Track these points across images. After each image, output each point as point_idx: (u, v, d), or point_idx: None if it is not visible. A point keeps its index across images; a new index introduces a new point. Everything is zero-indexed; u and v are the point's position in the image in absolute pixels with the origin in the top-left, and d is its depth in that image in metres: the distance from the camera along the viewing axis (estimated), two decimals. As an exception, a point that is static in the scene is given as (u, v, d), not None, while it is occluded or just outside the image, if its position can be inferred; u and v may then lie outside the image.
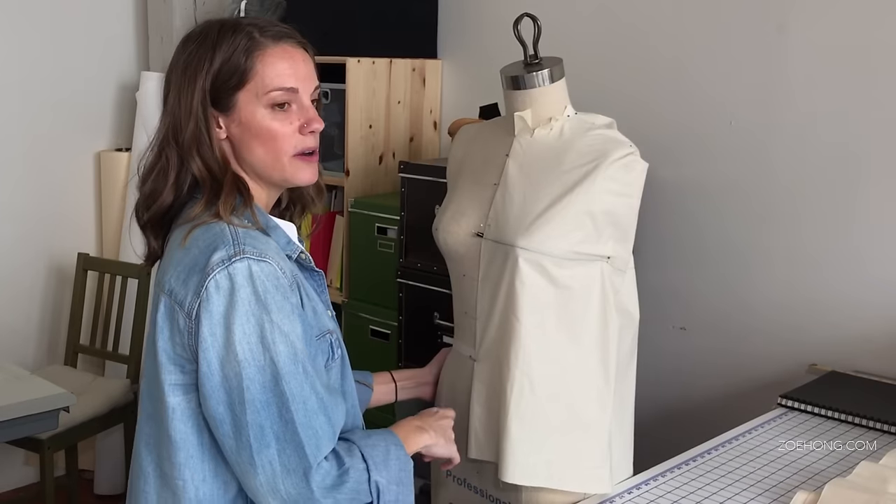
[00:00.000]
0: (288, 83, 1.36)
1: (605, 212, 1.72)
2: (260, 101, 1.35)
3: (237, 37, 1.35)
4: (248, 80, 1.35)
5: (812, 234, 2.43)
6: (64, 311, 3.62)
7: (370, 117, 3.12)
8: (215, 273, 1.27)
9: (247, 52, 1.35)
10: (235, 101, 1.36)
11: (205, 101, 1.35)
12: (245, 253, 1.27)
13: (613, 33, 2.78)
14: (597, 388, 1.78)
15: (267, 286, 1.27)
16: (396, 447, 1.40)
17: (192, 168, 1.35)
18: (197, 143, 1.35)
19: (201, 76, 1.35)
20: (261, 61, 1.35)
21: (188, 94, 1.35)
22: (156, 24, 3.57)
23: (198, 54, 1.36)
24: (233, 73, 1.35)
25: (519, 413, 1.75)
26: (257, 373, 1.25)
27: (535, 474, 1.76)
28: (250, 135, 1.36)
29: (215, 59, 1.35)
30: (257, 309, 1.26)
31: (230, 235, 1.30)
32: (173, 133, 1.36)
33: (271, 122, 1.36)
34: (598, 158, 1.73)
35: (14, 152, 3.45)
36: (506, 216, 1.76)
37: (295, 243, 1.40)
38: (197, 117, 1.35)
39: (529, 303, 1.73)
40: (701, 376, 2.66)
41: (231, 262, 1.27)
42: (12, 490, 3.57)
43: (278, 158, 1.37)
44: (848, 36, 2.34)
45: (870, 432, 2.04)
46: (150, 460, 1.36)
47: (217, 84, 1.35)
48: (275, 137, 1.36)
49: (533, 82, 1.80)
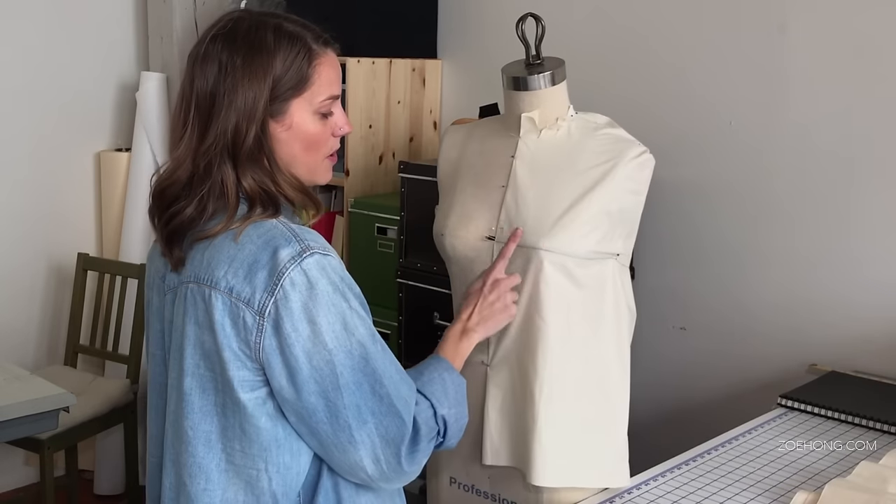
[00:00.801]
0: (336, 91, 1.40)
1: (619, 210, 1.75)
2: (312, 107, 1.37)
3: (296, 44, 1.36)
4: (306, 87, 1.36)
5: (811, 235, 2.43)
6: (64, 311, 3.62)
7: (370, 117, 3.12)
8: (289, 271, 1.28)
9: (307, 61, 1.36)
10: (288, 106, 1.36)
11: (266, 108, 1.34)
12: (312, 248, 1.30)
13: (613, 34, 2.78)
14: (614, 384, 1.81)
15: (338, 277, 1.31)
16: (449, 373, 1.46)
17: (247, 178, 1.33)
18: (260, 149, 1.34)
19: (263, 82, 1.33)
20: (317, 71, 1.37)
21: (248, 99, 1.32)
22: (156, 25, 3.57)
23: (255, 59, 1.33)
24: (295, 80, 1.35)
25: (549, 416, 1.76)
26: (346, 357, 1.29)
27: (565, 475, 1.78)
28: (296, 138, 1.37)
29: (276, 65, 1.34)
30: (336, 298, 1.29)
31: (289, 232, 1.31)
32: (233, 140, 1.33)
33: (318, 128, 1.38)
34: (615, 158, 1.75)
35: (14, 152, 3.45)
36: (522, 218, 1.76)
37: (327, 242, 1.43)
38: (259, 123, 1.33)
39: (554, 304, 1.74)
40: (701, 376, 2.66)
41: (302, 259, 1.29)
42: (12, 490, 3.57)
43: (316, 160, 1.40)
44: (847, 37, 2.34)
45: (870, 432, 2.04)
46: (213, 456, 1.34)
47: (276, 91, 1.34)
48: (318, 142, 1.39)
49: (540, 83, 1.80)
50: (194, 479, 1.34)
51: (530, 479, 1.78)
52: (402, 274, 2.75)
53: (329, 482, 1.37)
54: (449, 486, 1.97)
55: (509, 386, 1.82)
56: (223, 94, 1.33)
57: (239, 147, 1.33)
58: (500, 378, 1.83)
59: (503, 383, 1.83)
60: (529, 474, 1.78)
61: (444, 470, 1.98)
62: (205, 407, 1.34)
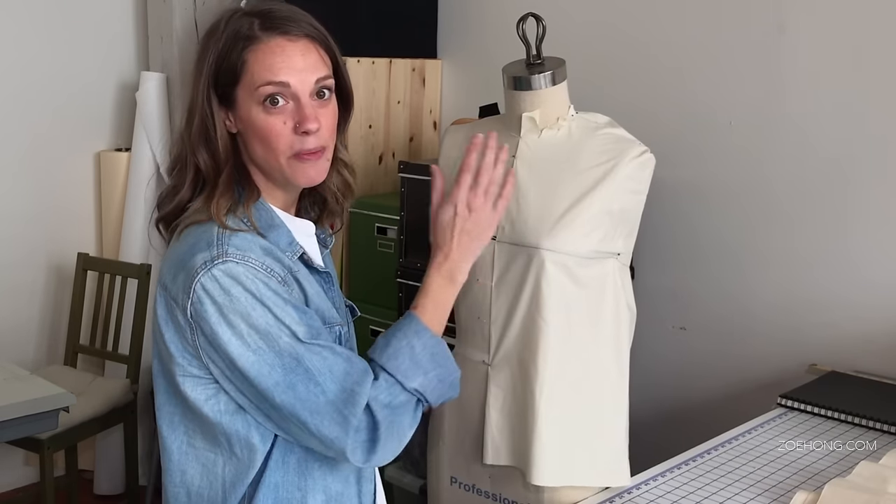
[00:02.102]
0: (277, 77, 1.31)
1: (620, 209, 1.75)
2: (252, 97, 1.32)
3: (238, 27, 1.33)
4: (241, 75, 1.32)
5: (811, 235, 2.43)
6: (64, 311, 3.62)
7: (370, 117, 3.12)
8: (200, 276, 1.27)
9: (241, 47, 1.32)
10: (235, 96, 1.34)
11: (209, 96, 1.33)
12: (228, 255, 1.27)
13: (613, 34, 2.78)
14: (612, 383, 1.82)
15: (258, 282, 1.27)
16: (419, 337, 1.34)
17: (198, 163, 1.34)
18: (202, 139, 1.34)
19: (206, 68, 1.33)
20: (252, 55, 1.31)
21: (195, 88, 1.34)
22: (156, 24, 3.57)
23: (205, 46, 1.35)
24: (230, 68, 1.32)
25: (549, 415, 1.76)
26: (275, 357, 1.27)
27: (565, 474, 1.79)
28: (249, 131, 1.34)
29: (218, 51, 1.33)
30: (251, 304, 1.26)
31: (216, 237, 1.30)
32: (186, 127, 1.36)
33: (265, 120, 1.32)
34: (616, 157, 1.75)
35: (14, 152, 3.45)
36: (523, 218, 1.77)
37: (297, 244, 1.38)
38: (203, 112, 1.34)
39: (555, 304, 1.75)
40: (701, 376, 2.66)
41: (213, 265, 1.27)
42: (12, 490, 3.57)
43: (276, 158, 1.33)
44: (847, 37, 2.34)
45: (870, 432, 2.04)
46: (175, 437, 1.37)
47: (218, 79, 1.34)
48: (269, 136, 1.32)
49: (540, 83, 1.80)
50: (164, 456, 1.39)
51: (530, 479, 1.78)
52: (402, 274, 2.75)
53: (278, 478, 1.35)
54: (450, 485, 1.97)
55: (510, 385, 1.82)
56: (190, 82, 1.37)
57: (190, 131, 1.34)
58: (500, 377, 1.83)
59: (504, 383, 1.83)
60: (530, 474, 1.78)
61: (445, 469, 1.98)
62: (168, 389, 1.36)
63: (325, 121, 1.36)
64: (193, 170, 1.35)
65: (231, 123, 1.36)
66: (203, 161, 1.34)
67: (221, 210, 1.32)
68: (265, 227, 1.35)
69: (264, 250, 1.31)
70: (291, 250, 1.37)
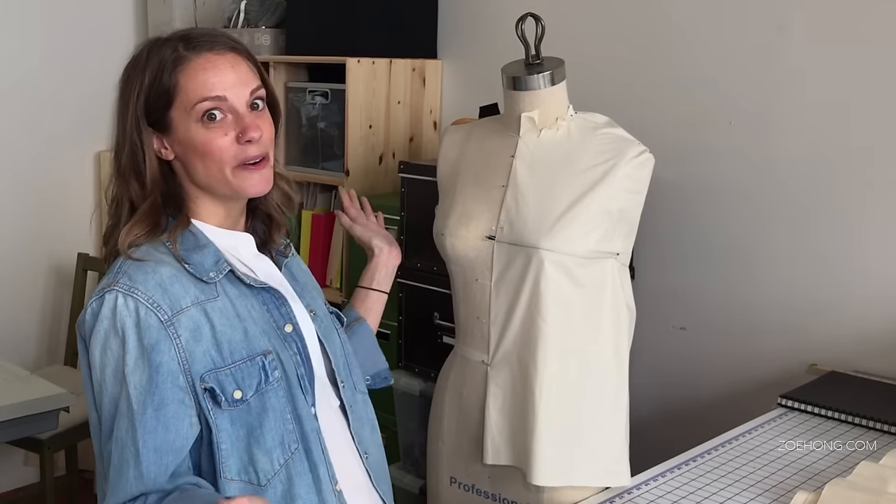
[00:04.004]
0: (213, 92, 1.32)
1: (620, 209, 1.75)
2: (190, 115, 1.33)
3: (162, 54, 1.34)
4: (174, 97, 1.33)
5: (812, 234, 2.43)
6: (64, 311, 3.62)
7: (370, 117, 3.11)
8: (92, 301, 1.31)
9: (170, 69, 1.33)
10: (170, 120, 1.34)
11: (138, 125, 1.34)
12: (117, 285, 1.29)
13: (612, 34, 2.78)
14: (613, 383, 1.82)
15: (126, 322, 1.27)
16: None
17: (131, 194, 1.36)
18: (132, 170, 1.35)
19: (133, 99, 1.35)
20: (183, 75, 1.32)
21: (122, 119, 1.36)
22: (156, 25, 3.57)
23: (131, 77, 1.37)
24: (160, 92, 1.33)
25: (548, 415, 1.77)
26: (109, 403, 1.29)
27: (564, 474, 1.79)
28: (190, 152, 1.34)
29: (144, 80, 1.34)
30: (114, 343, 1.28)
31: (117, 267, 1.32)
32: (115, 162, 1.38)
33: (206, 136, 1.33)
34: (614, 157, 1.75)
35: (14, 152, 3.45)
36: (522, 218, 1.77)
37: (223, 263, 1.36)
38: (132, 143, 1.35)
39: (554, 303, 1.75)
40: (701, 376, 2.66)
41: (101, 294, 1.30)
42: (12, 490, 3.57)
43: (220, 171, 1.34)
44: (847, 36, 2.34)
45: (870, 432, 2.04)
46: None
47: (150, 105, 1.34)
48: (211, 151, 1.33)
49: (539, 83, 1.80)
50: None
51: (530, 479, 1.78)
52: (402, 274, 2.75)
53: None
54: (449, 485, 1.97)
55: (510, 385, 1.82)
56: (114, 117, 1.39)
57: (119, 165, 1.36)
58: (500, 377, 1.83)
59: (503, 382, 1.83)
60: (529, 474, 1.78)
61: (445, 469, 1.98)
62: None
63: (266, 129, 1.37)
64: (128, 203, 1.36)
65: (168, 150, 1.36)
66: (135, 192, 1.35)
67: (128, 238, 1.33)
68: (189, 250, 1.34)
69: (159, 285, 1.30)
70: (217, 269, 1.35)
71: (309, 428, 1.37)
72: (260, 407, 1.32)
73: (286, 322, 1.40)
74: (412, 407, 2.67)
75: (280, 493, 1.33)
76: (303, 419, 1.37)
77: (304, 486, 1.35)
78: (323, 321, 1.49)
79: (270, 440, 1.32)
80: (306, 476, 1.35)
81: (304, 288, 1.51)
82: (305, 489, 1.35)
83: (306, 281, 1.54)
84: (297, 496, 1.34)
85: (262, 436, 1.32)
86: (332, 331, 1.51)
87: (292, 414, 1.35)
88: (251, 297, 1.38)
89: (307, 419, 1.37)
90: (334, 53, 3.00)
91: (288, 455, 1.34)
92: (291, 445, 1.35)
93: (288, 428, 1.34)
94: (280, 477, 1.33)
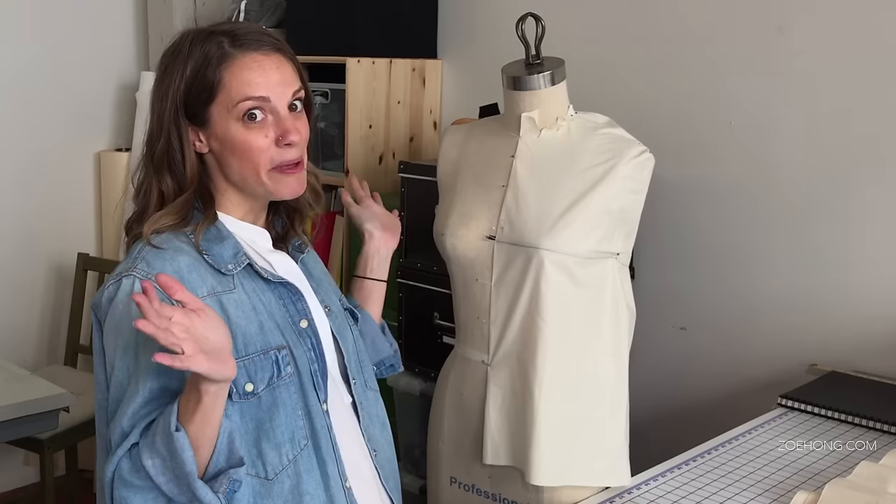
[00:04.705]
0: (256, 92, 1.32)
1: (620, 209, 1.75)
2: (231, 113, 1.32)
3: (207, 48, 1.33)
4: (217, 92, 1.33)
5: (812, 234, 2.43)
6: (64, 311, 3.62)
7: (370, 117, 3.11)
8: (108, 284, 1.32)
9: (214, 65, 1.32)
10: (209, 115, 1.34)
11: (177, 117, 1.33)
12: (134, 270, 1.30)
13: (612, 34, 2.78)
14: (612, 383, 1.82)
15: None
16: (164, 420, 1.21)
17: (162, 186, 1.35)
18: (167, 162, 1.35)
19: (172, 90, 1.33)
20: (228, 72, 1.32)
21: (160, 109, 1.34)
22: (156, 25, 3.57)
23: (171, 68, 1.35)
24: (203, 86, 1.33)
25: (548, 415, 1.77)
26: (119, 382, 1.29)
27: (564, 474, 1.79)
28: (227, 149, 1.34)
29: (186, 72, 1.33)
30: (127, 327, 1.28)
31: (137, 252, 1.33)
32: (148, 152, 1.37)
33: (245, 135, 1.33)
34: (615, 157, 1.75)
35: (14, 152, 3.45)
36: (522, 218, 1.77)
37: (242, 255, 1.36)
38: (169, 135, 1.34)
39: (554, 304, 1.75)
40: (701, 376, 2.66)
41: (119, 278, 1.31)
42: (12, 490, 3.57)
43: (256, 172, 1.34)
44: (847, 36, 2.34)
45: (870, 432, 2.04)
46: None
47: (190, 99, 1.34)
48: (249, 151, 1.33)
49: (539, 83, 1.80)
50: None
51: (530, 479, 1.78)
52: (402, 274, 2.75)
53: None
54: (449, 485, 1.97)
55: (509, 385, 1.82)
56: (151, 105, 1.37)
57: (152, 155, 1.35)
58: (500, 377, 1.83)
59: (503, 382, 1.83)
60: (529, 474, 1.78)
61: (445, 469, 1.98)
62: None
63: (304, 131, 1.38)
64: (157, 193, 1.36)
65: (202, 143, 1.36)
66: (167, 184, 1.35)
67: (154, 227, 1.33)
68: (209, 241, 1.35)
69: (176, 273, 1.30)
70: (236, 261, 1.35)
71: (319, 424, 1.37)
72: (271, 401, 1.33)
73: (302, 317, 1.40)
74: (412, 407, 2.67)
75: (288, 487, 1.33)
76: (313, 415, 1.37)
77: (313, 481, 1.35)
78: (337, 317, 1.50)
79: (280, 435, 1.33)
80: (315, 472, 1.36)
81: (319, 283, 1.51)
82: (314, 485, 1.35)
83: (321, 277, 1.54)
84: (306, 492, 1.34)
85: (271, 430, 1.32)
86: (346, 327, 1.51)
87: (303, 410, 1.36)
88: (268, 292, 1.38)
89: (317, 415, 1.37)
90: (334, 53, 3.00)
91: (297, 450, 1.34)
92: (301, 441, 1.35)
93: (298, 424, 1.35)
94: (288, 472, 1.33)
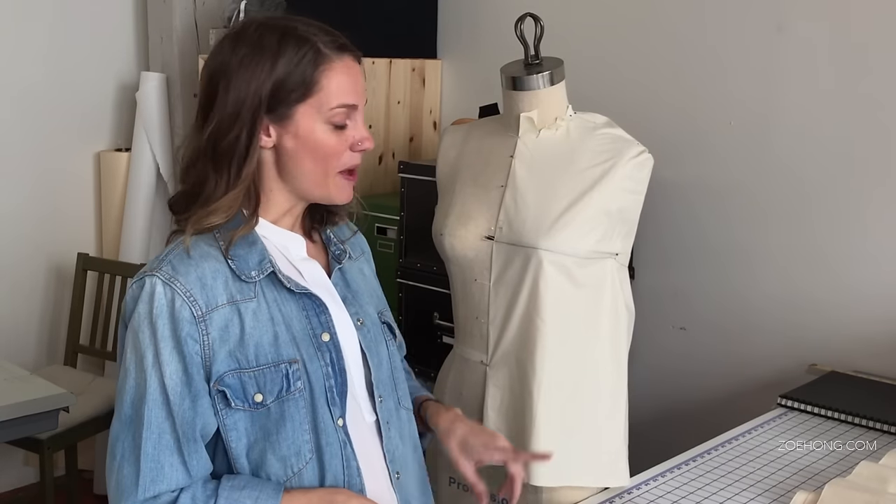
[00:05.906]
0: (350, 100, 1.32)
1: (619, 209, 1.75)
2: (321, 115, 1.30)
3: (303, 47, 1.30)
4: (312, 94, 1.30)
5: (812, 234, 2.43)
6: (64, 311, 3.62)
7: (370, 117, 3.12)
8: (134, 283, 1.31)
9: (313, 65, 1.30)
10: (294, 112, 1.30)
11: (258, 111, 1.29)
12: (159, 271, 1.28)
13: (612, 34, 2.78)
14: (611, 383, 1.82)
15: (162, 311, 1.26)
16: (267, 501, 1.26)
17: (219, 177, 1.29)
18: (232, 153, 1.29)
19: (256, 84, 1.28)
20: (326, 75, 1.30)
21: (237, 100, 1.28)
22: (156, 24, 3.57)
23: (254, 59, 1.29)
24: (298, 85, 1.29)
25: (547, 415, 1.76)
26: (133, 387, 1.29)
27: (563, 474, 1.78)
28: (304, 148, 1.31)
29: (277, 67, 1.28)
30: (147, 328, 1.27)
31: (166, 251, 1.31)
32: (215, 139, 1.29)
33: (330, 138, 1.31)
34: (614, 157, 1.75)
35: (14, 152, 3.45)
36: (521, 218, 1.77)
37: (267, 262, 1.32)
38: (241, 127, 1.29)
39: (553, 304, 1.74)
40: (701, 376, 2.66)
41: (142, 277, 1.29)
42: (12, 490, 3.57)
43: (326, 174, 1.33)
44: (846, 36, 2.34)
45: (870, 432, 2.04)
46: None
47: (278, 94, 1.29)
48: (329, 154, 1.32)
49: (538, 83, 1.80)
50: None
51: (528, 479, 1.77)
52: (402, 274, 2.75)
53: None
54: (448, 485, 1.97)
55: (508, 385, 1.82)
56: (219, 94, 1.30)
57: (217, 146, 1.29)
58: (499, 377, 1.83)
59: (502, 383, 1.83)
60: (528, 474, 1.77)
61: (444, 470, 1.98)
62: None
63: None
64: (213, 182, 1.30)
65: (270, 138, 1.31)
66: (223, 176, 1.29)
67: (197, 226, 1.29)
68: (237, 245, 1.30)
69: (199, 279, 1.27)
70: (260, 269, 1.31)
71: (326, 441, 1.34)
72: (279, 414, 1.30)
73: (324, 331, 1.36)
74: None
75: None
76: (320, 431, 1.33)
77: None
78: (370, 331, 1.43)
79: (286, 448, 1.31)
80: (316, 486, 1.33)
81: (355, 295, 1.45)
82: None
83: (360, 288, 1.48)
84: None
85: (277, 442, 1.31)
86: (381, 342, 1.45)
87: (311, 425, 1.33)
88: (290, 302, 1.34)
89: (327, 432, 1.34)
90: (334, 53, 3.00)
91: (302, 465, 1.32)
92: (306, 455, 1.33)
93: (304, 438, 1.32)
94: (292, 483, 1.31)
